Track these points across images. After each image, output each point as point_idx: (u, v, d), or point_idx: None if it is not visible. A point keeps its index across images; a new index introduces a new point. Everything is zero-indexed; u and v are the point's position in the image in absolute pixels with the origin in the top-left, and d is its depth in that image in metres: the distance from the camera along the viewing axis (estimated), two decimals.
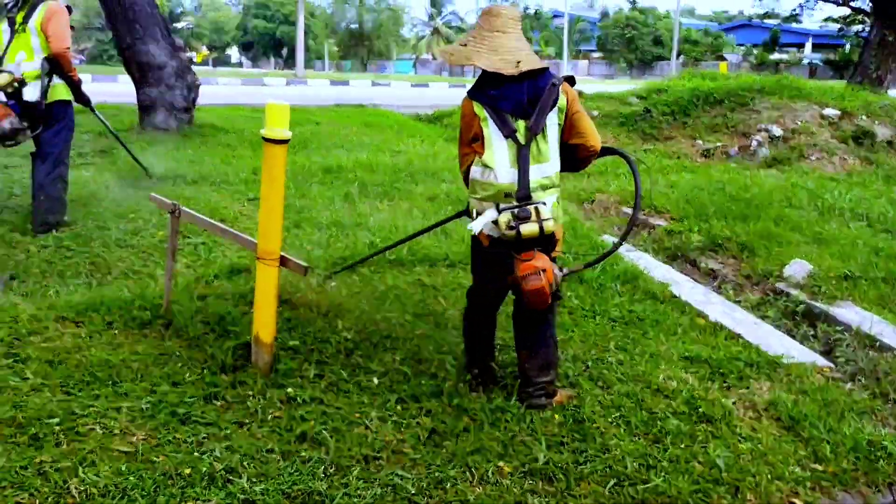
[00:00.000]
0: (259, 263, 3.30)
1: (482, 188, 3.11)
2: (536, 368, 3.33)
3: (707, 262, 5.91)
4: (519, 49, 3.11)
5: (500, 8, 3.18)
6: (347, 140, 10.58)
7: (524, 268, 3.02)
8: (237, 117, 12.24)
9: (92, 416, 2.93)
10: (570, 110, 3.16)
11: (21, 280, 4.52)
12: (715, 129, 11.11)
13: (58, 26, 5.20)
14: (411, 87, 30.53)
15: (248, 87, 25.86)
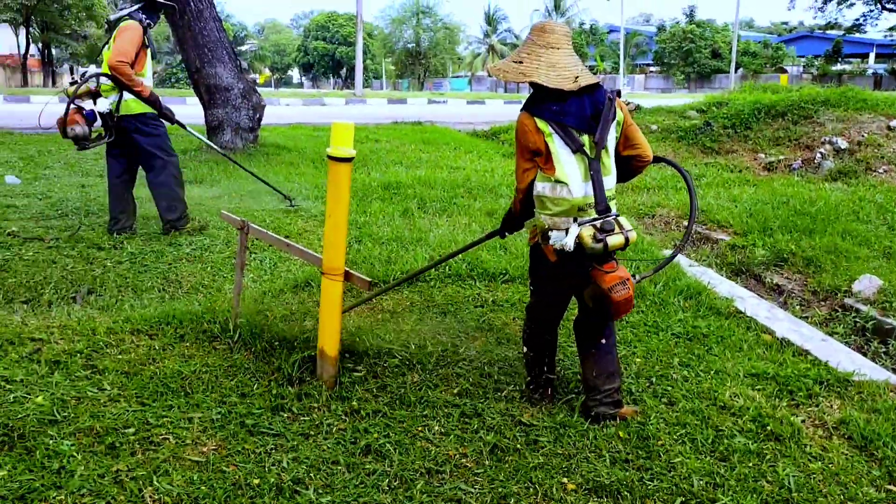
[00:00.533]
0: (324, 278, 3.37)
1: (554, 203, 3.09)
2: (603, 376, 3.32)
3: (772, 277, 5.80)
4: (574, 64, 3.12)
5: (553, 24, 3.21)
6: (406, 157, 10.70)
7: (610, 279, 3.03)
8: (299, 136, 12.51)
9: (165, 426, 3.03)
10: (626, 123, 3.21)
11: (98, 294, 4.70)
12: (777, 143, 10.89)
13: (121, 41, 5.46)
14: (467, 104, 30.66)
15: (309, 107, 26.35)
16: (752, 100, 12.07)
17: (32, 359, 3.44)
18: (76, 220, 5.92)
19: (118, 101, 5.55)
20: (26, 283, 4.71)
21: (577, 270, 3.14)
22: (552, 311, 3.45)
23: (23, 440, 2.82)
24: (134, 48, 5.50)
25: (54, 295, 4.61)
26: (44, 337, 3.68)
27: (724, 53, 56.40)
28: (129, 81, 5.49)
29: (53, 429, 2.91)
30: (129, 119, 5.63)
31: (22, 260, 5.00)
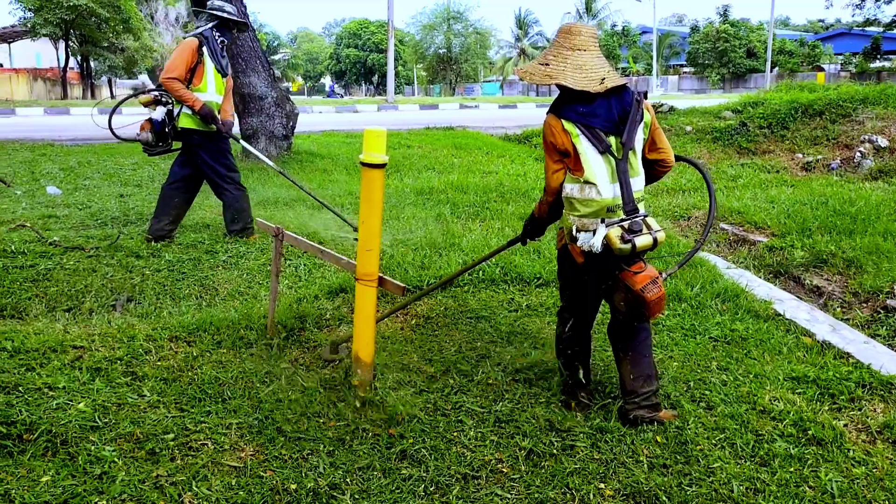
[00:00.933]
0: (358, 284, 3.39)
1: (583, 205, 3.09)
2: (641, 379, 3.29)
3: (811, 278, 5.69)
4: (601, 66, 3.12)
5: (579, 26, 3.21)
6: (438, 162, 10.73)
7: (641, 279, 3.03)
8: (332, 143, 12.61)
9: (204, 431, 3.07)
10: (652, 126, 3.21)
11: (137, 302, 4.78)
12: (815, 142, 10.72)
13: (172, 58, 5.72)
14: (499, 108, 30.64)
15: (341, 114, 26.55)
16: (788, 99, 11.90)
17: (74, 366, 3.51)
18: (115, 230, 6.03)
19: (177, 114, 5.77)
20: (68, 291, 4.81)
21: (605, 272, 3.14)
22: (582, 314, 3.44)
23: (66, 446, 2.87)
24: (184, 64, 5.67)
25: (95, 303, 4.70)
26: (85, 344, 3.75)
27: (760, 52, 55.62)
28: (178, 96, 5.66)
29: (95, 435, 2.96)
30: (190, 133, 5.84)
31: (63, 269, 5.10)
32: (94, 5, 36.21)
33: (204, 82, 5.81)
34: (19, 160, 10.73)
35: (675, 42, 65.73)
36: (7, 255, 5.26)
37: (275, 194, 7.99)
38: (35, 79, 44.37)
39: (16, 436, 2.88)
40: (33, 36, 40.07)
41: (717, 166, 10.29)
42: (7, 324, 4.22)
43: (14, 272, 4.99)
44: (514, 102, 33.40)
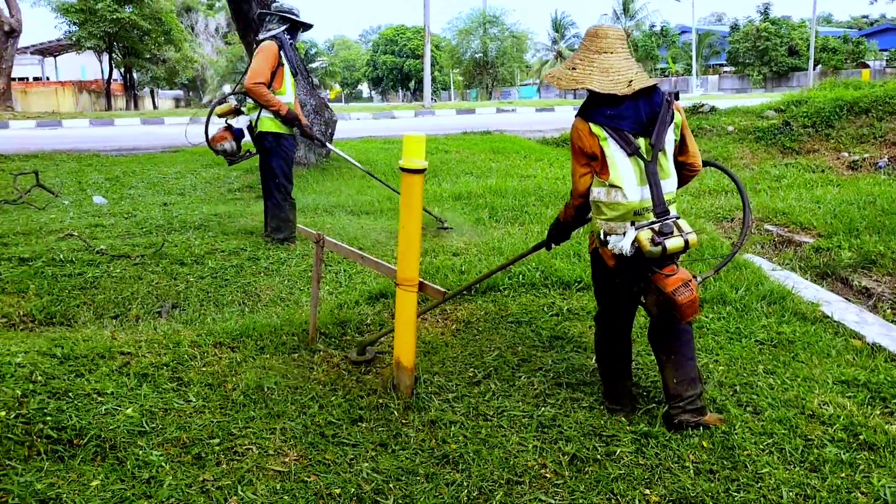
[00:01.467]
0: (399, 289, 3.40)
1: (609, 208, 3.06)
2: (685, 383, 3.24)
3: (860, 279, 5.57)
4: (628, 68, 3.09)
5: (606, 29, 3.18)
6: (476, 166, 10.72)
7: (672, 282, 3.00)
8: (370, 149, 12.67)
9: (248, 436, 3.10)
10: (683, 127, 3.18)
11: (182, 308, 4.85)
12: (862, 140, 10.49)
13: (256, 62, 5.79)
14: (536, 111, 30.51)
15: (379, 120, 26.70)
16: (833, 97, 11.67)
17: (122, 372, 3.57)
18: (160, 238, 6.12)
19: (256, 118, 5.86)
20: (115, 298, 4.90)
21: (637, 275, 3.12)
22: (618, 318, 3.39)
23: (114, 451, 2.92)
24: (269, 67, 5.76)
25: (141, 310, 4.79)
26: (132, 350, 3.81)
27: (802, 50, 54.61)
28: (265, 101, 5.75)
29: (143, 440, 3.01)
30: (267, 136, 5.93)
31: (110, 277, 5.20)
32: (136, 18, 37.00)
33: (283, 86, 5.91)
34: (66, 171, 10.98)
35: (714, 41, 64.87)
36: (56, 263, 5.38)
37: (314, 201, 8.06)
38: (80, 91, 45.41)
39: (66, 441, 2.94)
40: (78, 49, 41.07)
41: (761, 166, 10.12)
42: (57, 331, 4.32)
43: (63, 280, 5.10)
44: (552, 105, 33.23)
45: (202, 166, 11.24)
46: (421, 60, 42.27)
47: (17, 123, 23.10)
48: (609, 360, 3.45)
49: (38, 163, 11.66)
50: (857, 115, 10.96)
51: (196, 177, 10.33)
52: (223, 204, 8.05)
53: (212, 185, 9.78)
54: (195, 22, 52.06)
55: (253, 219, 7.01)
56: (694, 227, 5.90)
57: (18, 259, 5.44)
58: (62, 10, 37.13)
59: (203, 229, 6.58)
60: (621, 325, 3.40)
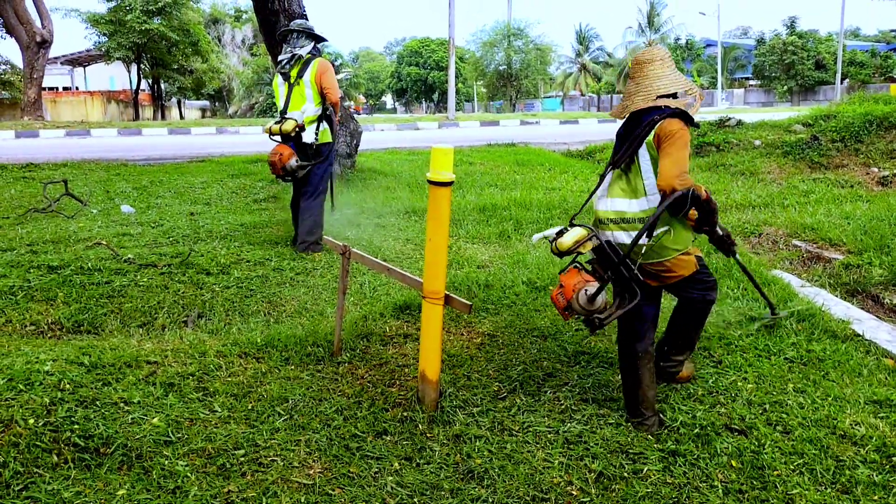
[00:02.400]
0: (425, 302, 3.39)
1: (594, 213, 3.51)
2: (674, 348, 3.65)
3: (891, 297, 5.46)
4: (632, 94, 3.35)
5: (637, 55, 3.47)
6: (500, 179, 10.70)
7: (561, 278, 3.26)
8: (395, 160, 12.70)
9: (273, 448, 3.10)
10: (661, 143, 3.17)
11: (207, 318, 4.87)
12: (892, 156, 10.33)
13: (331, 79, 6.18)
14: (560, 123, 30.44)
15: (403, 131, 26.77)
16: (862, 111, 11.51)
17: (148, 381, 3.58)
18: (186, 247, 6.17)
19: (318, 131, 6.24)
20: (141, 307, 4.93)
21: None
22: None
23: (140, 460, 2.93)
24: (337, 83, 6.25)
25: (167, 319, 4.81)
26: (158, 360, 3.83)
27: (829, 64, 54.16)
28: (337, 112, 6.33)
29: (168, 449, 3.02)
30: (324, 146, 6.35)
31: (137, 286, 5.24)
32: (164, 29, 37.48)
33: None
34: (95, 179, 11.11)
35: (739, 55, 64.53)
36: (84, 272, 5.43)
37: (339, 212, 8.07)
38: (109, 101, 46.04)
39: (93, 449, 2.96)
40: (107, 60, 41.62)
41: (788, 181, 10.00)
42: (84, 339, 4.35)
43: (91, 289, 5.14)
44: (576, 118, 33.16)
45: (228, 176, 11.32)
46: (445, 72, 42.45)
47: (47, 132, 23.44)
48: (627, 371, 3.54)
49: (67, 171, 11.81)
50: (888, 131, 10.81)
51: (222, 187, 10.40)
52: (248, 214, 8.09)
53: (237, 195, 9.84)
54: (222, 33, 52.65)
55: (279, 229, 7.04)
56: None
57: (48, 267, 5.49)
58: (92, 21, 37.72)
59: (229, 239, 6.62)
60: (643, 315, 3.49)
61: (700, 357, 4.07)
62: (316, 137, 6.22)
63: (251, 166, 12.42)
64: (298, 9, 9.71)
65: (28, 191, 9.92)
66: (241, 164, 12.81)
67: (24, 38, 29.17)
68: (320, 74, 6.12)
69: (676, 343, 3.66)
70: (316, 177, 6.34)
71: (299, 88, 6.17)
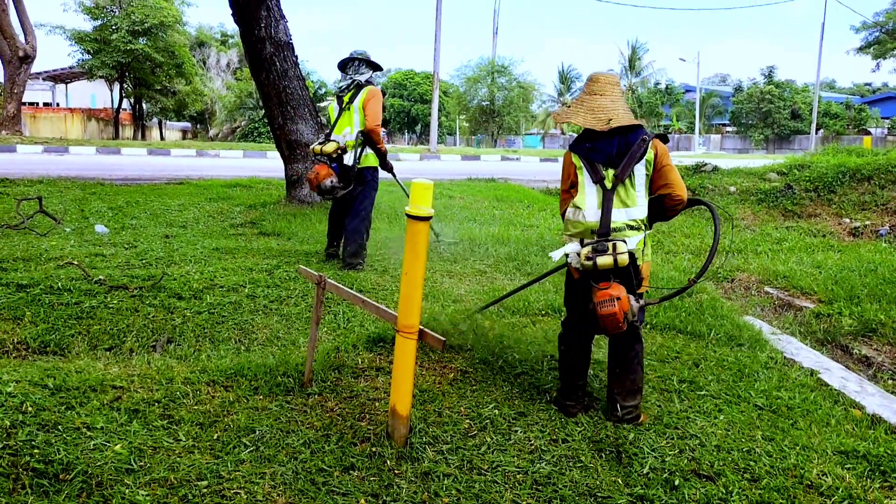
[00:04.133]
0: (398, 336, 3.37)
1: (573, 226, 3.62)
2: (624, 394, 3.76)
3: (860, 348, 5.54)
4: (612, 109, 3.60)
5: (599, 75, 3.73)
6: (479, 213, 10.75)
7: (600, 295, 3.43)
8: None
9: (238, 480, 3.04)
10: (660, 163, 3.62)
11: (177, 343, 4.81)
12: (864, 207, 10.55)
13: (374, 106, 6.41)
14: (540, 161, 30.73)
15: None
16: (836, 162, 11.77)
17: (113, 406, 3.51)
18: (159, 270, 6.10)
19: (360, 155, 6.49)
20: (110, 330, 4.86)
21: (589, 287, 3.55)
22: (578, 324, 3.84)
23: (101, 488, 2.86)
24: (380, 112, 6.46)
25: (136, 343, 4.75)
26: (124, 385, 3.76)
27: (804, 114, 55.34)
28: (378, 140, 6.50)
29: (130, 478, 2.95)
30: (367, 170, 6.63)
31: (107, 307, 5.17)
32: (149, 50, 37.52)
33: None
34: (70, 198, 11.01)
35: (717, 102, 65.75)
36: (53, 291, 5.35)
37: (317, 241, 8.05)
38: (89, 118, 45.81)
39: (52, 475, 2.88)
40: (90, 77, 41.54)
41: (762, 228, 10.15)
42: (50, 360, 4.27)
43: (59, 309, 5.07)
44: (556, 156, 33.47)
45: (205, 199, 11.26)
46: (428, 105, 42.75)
47: (25, 148, 23.23)
48: (567, 360, 3.89)
49: (42, 188, 11.69)
50: (860, 182, 11.04)
51: (199, 210, 10.35)
52: (224, 238, 8.04)
53: (214, 219, 9.79)
54: (207, 56, 52.70)
55: (253, 255, 7.00)
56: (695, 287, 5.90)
57: (16, 285, 5.41)
58: (77, 38, 37.67)
59: (203, 263, 6.56)
60: (580, 329, 3.84)
61: (670, 401, 4.08)
62: (357, 161, 6.46)
63: (230, 190, 12.39)
64: (285, 36, 9.79)
65: (1, 206, 9.80)
66: (220, 187, 12.78)
67: (6, 52, 29.04)
68: (367, 101, 6.41)
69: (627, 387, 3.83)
70: (359, 201, 6.63)
71: (349, 113, 6.51)
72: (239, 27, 9.88)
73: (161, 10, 37.17)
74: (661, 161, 3.62)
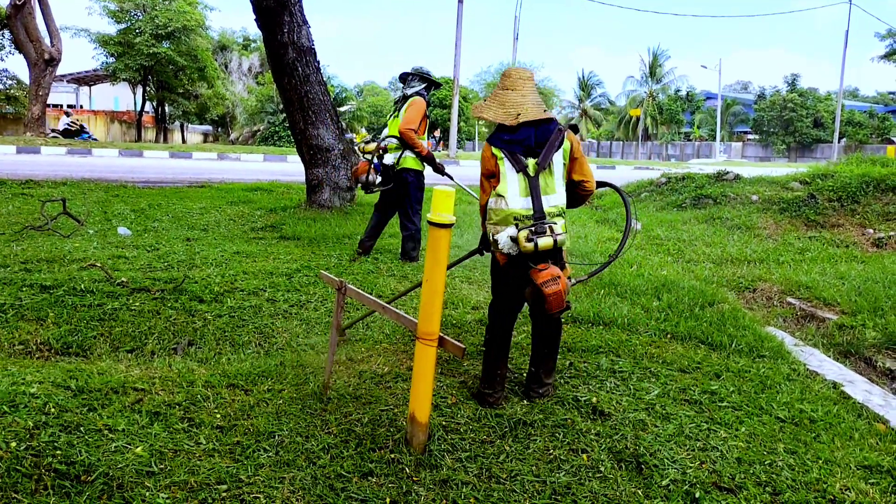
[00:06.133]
0: (418, 343, 3.36)
1: (495, 214, 3.75)
2: (547, 372, 4.10)
3: (884, 360, 5.46)
4: (521, 104, 3.79)
5: (512, 70, 3.90)
6: None
7: (543, 276, 3.60)
8: None
9: (257, 484, 3.05)
10: (575, 153, 3.85)
11: (198, 346, 4.84)
12: (888, 218, 10.41)
13: (410, 112, 7.08)
14: None
15: None
16: (859, 172, 11.62)
17: (134, 409, 3.54)
18: (181, 273, 6.14)
19: (399, 157, 7.13)
20: (132, 332, 4.90)
21: (520, 272, 3.75)
22: (506, 309, 4.04)
23: (121, 490, 2.88)
24: (419, 118, 7.07)
25: (157, 345, 4.78)
26: (146, 387, 3.79)
27: (827, 123, 54.85)
28: (412, 143, 7.05)
29: (150, 480, 2.97)
30: (408, 171, 7.21)
31: (129, 310, 5.21)
32: (172, 54, 37.86)
33: (424, 133, 7.27)
34: (93, 199, 11.12)
35: (739, 110, 65.32)
36: (76, 293, 5.40)
37: (337, 243, 8.07)
38: (112, 121, 46.29)
39: (74, 476, 2.91)
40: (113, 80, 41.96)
41: (784, 237, 10.05)
42: (72, 362, 4.31)
43: (82, 310, 5.11)
44: None
45: (226, 203, 11.33)
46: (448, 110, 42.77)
47: (49, 150, 23.51)
48: (493, 347, 4.05)
49: (66, 190, 11.82)
50: (884, 193, 10.90)
51: (220, 213, 10.41)
52: (245, 243, 8.08)
53: (235, 222, 9.85)
54: (229, 60, 53.13)
55: (272, 260, 7.03)
56: (716, 297, 5.84)
57: (40, 286, 5.47)
58: (101, 42, 38.09)
59: (224, 267, 6.60)
60: (506, 315, 4.05)
61: (692, 413, 4.04)
62: (396, 162, 7.13)
63: (251, 194, 12.45)
64: (307, 42, 9.84)
65: (26, 207, 9.92)
66: (241, 191, 12.85)
67: (32, 55, 29.41)
68: (408, 108, 7.11)
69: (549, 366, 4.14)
70: (403, 201, 7.33)
71: (396, 120, 7.25)
72: (262, 32, 9.95)
73: (184, 14, 37.49)
74: (576, 152, 3.85)
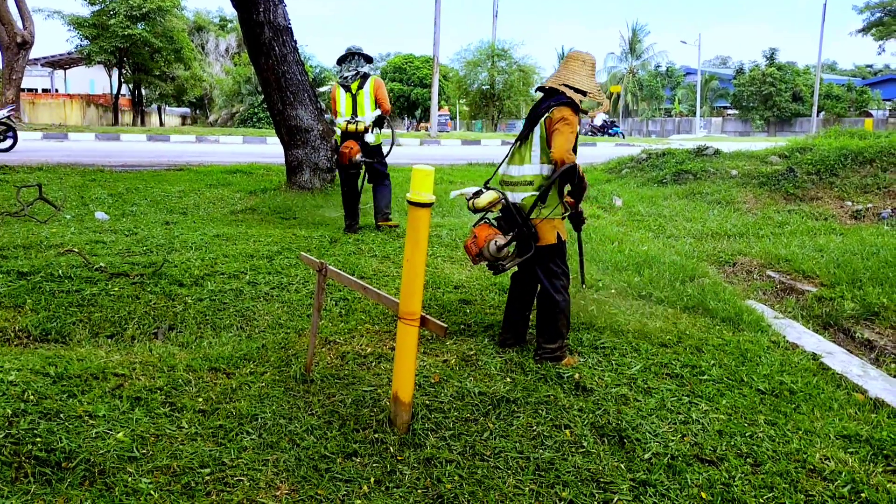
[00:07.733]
0: (400, 323, 3.36)
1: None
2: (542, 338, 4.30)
3: (862, 331, 5.52)
4: (552, 77, 4.14)
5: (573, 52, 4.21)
6: None
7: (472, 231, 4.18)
8: None
9: (240, 467, 3.04)
10: (550, 126, 3.99)
11: (178, 330, 4.80)
12: (866, 190, 10.50)
13: (385, 93, 7.72)
14: None
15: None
16: (837, 145, 11.71)
17: (115, 394, 3.52)
18: (160, 257, 6.09)
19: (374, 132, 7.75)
20: (111, 317, 4.85)
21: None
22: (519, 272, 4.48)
23: (103, 476, 2.86)
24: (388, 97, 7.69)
25: (137, 330, 4.74)
26: (126, 372, 3.76)
27: (805, 97, 55.12)
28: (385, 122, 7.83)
29: (132, 466, 2.95)
30: (380, 145, 7.93)
31: (108, 295, 5.16)
32: (148, 35, 37.35)
33: None
34: (70, 184, 10.98)
35: (718, 84, 65.49)
36: (54, 279, 5.34)
37: (319, 225, 8.03)
38: (88, 104, 45.65)
39: (55, 463, 2.89)
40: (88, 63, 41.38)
41: (764, 211, 10.12)
42: (51, 348, 4.27)
43: (60, 296, 5.06)
44: None
45: (205, 186, 11.24)
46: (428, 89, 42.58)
47: (24, 135, 23.16)
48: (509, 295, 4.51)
49: (42, 175, 11.67)
50: (862, 165, 10.99)
51: (199, 196, 10.33)
52: (225, 225, 8.02)
53: (215, 205, 9.77)
54: (206, 41, 52.46)
55: (254, 241, 6.98)
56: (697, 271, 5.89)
57: (17, 273, 5.40)
58: (75, 23, 37.48)
59: (203, 250, 6.55)
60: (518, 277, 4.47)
61: (674, 386, 4.07)
62: (373, 138, 7.69)
63: (230, 176, 12.36)
64: (284, 21, 9.73)
65: (1, 193, 9.78)
66: (220, 174, 12.75)
67: (4, 38, 28.88)
68: (377, 89, 7.64)
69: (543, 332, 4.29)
70: (381, 167, 7.96)
71: (360, 99, 7.59)
72: (237, 11, 9.82)
73: None
74: (552, 124, 3.98)
